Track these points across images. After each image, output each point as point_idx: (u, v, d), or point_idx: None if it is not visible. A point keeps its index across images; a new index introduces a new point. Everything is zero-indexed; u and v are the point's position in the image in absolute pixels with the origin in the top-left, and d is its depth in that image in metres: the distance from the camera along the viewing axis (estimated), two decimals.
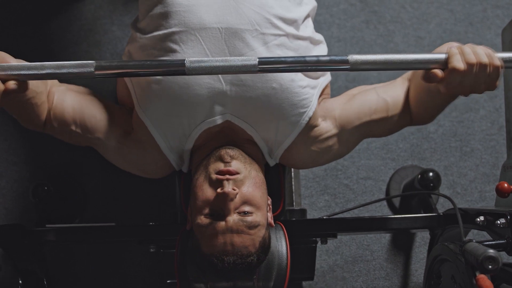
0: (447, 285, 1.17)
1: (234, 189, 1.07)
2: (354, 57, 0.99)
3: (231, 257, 1.05)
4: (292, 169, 1.67)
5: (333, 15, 1.99)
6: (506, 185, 1.13)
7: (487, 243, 1.10)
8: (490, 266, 0.94)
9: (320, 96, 1.24)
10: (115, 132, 1.21)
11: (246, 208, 1.08)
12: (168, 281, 1.40)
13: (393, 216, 1.48)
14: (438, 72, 1.00)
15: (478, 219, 1.21)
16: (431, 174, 1.74)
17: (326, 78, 1.27)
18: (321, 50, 1.29)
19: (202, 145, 1.21)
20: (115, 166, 1.28)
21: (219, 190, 1.07)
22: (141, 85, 1.17)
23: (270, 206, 1.21)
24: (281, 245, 1.21)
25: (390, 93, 1.23)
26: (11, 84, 0.97)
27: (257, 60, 0.98)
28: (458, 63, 0.98)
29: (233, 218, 1.06)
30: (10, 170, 1.82)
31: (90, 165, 1.82)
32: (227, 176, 1.09)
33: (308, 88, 1.18)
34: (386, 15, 2.00)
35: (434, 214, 1.45)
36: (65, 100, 1.20)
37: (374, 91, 1.25)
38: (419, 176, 1.75)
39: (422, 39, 1.98)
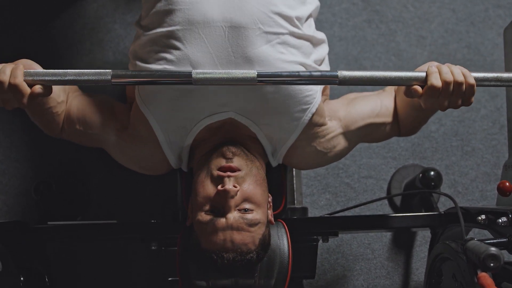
0: (448, 283, 1.17)
1: (235, 186, 1.07)
2: (343, 73, 1.07)
3: (230, 254, 1.05)
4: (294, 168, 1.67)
5: (335, 14, 1.99)
6: (507, 184, 1.14)
7: (489, 241, 1.10)
8: (492, 264, 0.94)
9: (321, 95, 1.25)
10: (112, 126, 1.24)
11: (247, 206, 1.09)
12: (169, 279, 1.40)
13: (394, 215, 1.48)
14: (418, 88, 1.08)
15: (480, 218, 1.21)
16: (432, 173, 1.74)
17: None
18: (322, 50, 1.29)
19: (202, 141, 1.21)
20: (117, 163, 1.29)
21: (220, 187, 1.07)
22: None
23: (271, 204, 1.21)
24: (282, 243, 1.21)
25: (388, 101, 1.29)
26: (37, 88, 1.05)
27: (256, 73, 1.07)
28: (436, 81, 1.06)
29: (233, 215, 1.06)
30: (13, 167, 1.83)
31: (92, 162, 1.83)
32: (228, 173, 1.09)
33: (311, 85, 1.19)
34: (388, 14, 2.00)
35: (435, 213, 1.46)
36: (73, 102, 1.26)
37: (376, 97, 1.30)
38: (421, 175, 1.75)
39: (424, 39, 1.99)
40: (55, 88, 1.16)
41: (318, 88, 1.21)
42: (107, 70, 1.07)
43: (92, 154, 1.21)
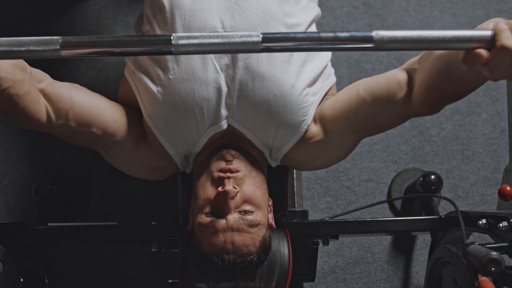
0: (449, 287, 1.17)
1: (235, 187, 1.08)
2: (380, 34, 0.82)
3: (231, 256, 1.05)
4: (294, 171, 1.67)
5: (337, 18, 1.99)
6: (508, 188, 1.14)
7: (490, 245, 1.10)
8: (493, 269, 0.94)
9: (324, 97, 1.23)
10: (135, 134, 1.19)
11: (247, 207, 1.09)
12: (169, 281, 1.40)
13: (394, 218, 1.48)
14: (483, 52, 0.82)
15: (481, 222, 1.21)
16: (433, 177, 1.74)
17: (330, 80, 1.26)
18: (325, 55, 1.28)
19: (205, 148, 1.22)
20: None
21: (220, 188, 1.08)
22: (147, 90, 1.15)
23: (271, 207, 1.21)
24: (283, 246, 1.21)
25: (372, 89, 1.12)
26: None
27: (261, 36, 0.82)
28: (508, 41, 0.81)
29: (233, 216, 1.07)
30: (13, 169, 1.83)
31: (93, 164, 1.83)
32: (228, 174, 1.10)
33: (308, 96, 1.17)
34: (390, 19, 2.00)
35: (435, 216, 1.45)
36: (84, 100, 1.11)
37: (355, 90, 1.15)
38: (421, 178, 1.75)
39: None
40: (1, 65, 0.93)
41: (316, 98, 1.20)
42: (54, 37, 0.80)
43: (93, 155, 1.19)
